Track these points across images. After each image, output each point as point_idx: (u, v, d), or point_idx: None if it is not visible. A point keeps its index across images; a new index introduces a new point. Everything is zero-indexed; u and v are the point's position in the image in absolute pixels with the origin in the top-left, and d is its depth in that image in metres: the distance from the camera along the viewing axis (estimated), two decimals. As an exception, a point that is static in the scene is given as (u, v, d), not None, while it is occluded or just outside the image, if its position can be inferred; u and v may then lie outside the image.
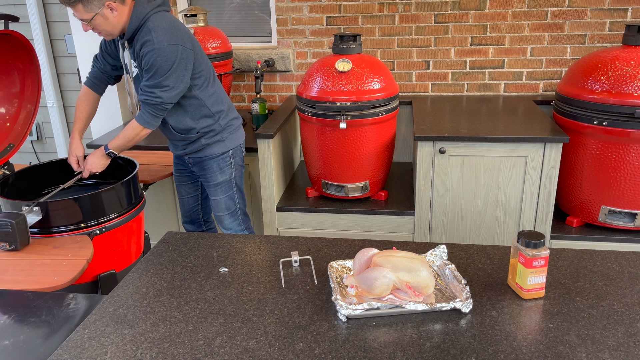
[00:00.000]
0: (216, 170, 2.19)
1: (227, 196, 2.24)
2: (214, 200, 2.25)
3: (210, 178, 2.21)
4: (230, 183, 2.23)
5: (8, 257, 1.61)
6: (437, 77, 3.06)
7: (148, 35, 1.87)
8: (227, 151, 2.19)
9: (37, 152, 3.69)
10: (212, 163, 2.18)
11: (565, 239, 2.39)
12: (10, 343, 1.12)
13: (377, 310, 1.12)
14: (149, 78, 1.91)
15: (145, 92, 1.94)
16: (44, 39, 3.34)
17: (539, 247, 1.15)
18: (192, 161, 2.23)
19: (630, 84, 2.11)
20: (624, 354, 1.00)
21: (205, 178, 2.23)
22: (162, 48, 1.86)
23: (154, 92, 1.93)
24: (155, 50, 1.86)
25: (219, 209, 2.26)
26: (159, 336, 1.08)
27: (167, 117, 2.09)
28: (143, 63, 1.90)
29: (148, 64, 1.88)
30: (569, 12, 2.83)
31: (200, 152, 2.17)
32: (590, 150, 2.26)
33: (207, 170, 2.20)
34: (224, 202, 2.24)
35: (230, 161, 2.21)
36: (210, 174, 2.20)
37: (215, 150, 2.17)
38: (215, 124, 2.14)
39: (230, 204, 2.26)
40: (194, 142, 2.15)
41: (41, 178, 2.09)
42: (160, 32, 1.87)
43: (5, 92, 2.16)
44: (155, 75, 1.89)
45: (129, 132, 2.01)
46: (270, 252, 1.43)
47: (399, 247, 1.35)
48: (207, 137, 2.14)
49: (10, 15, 1.98)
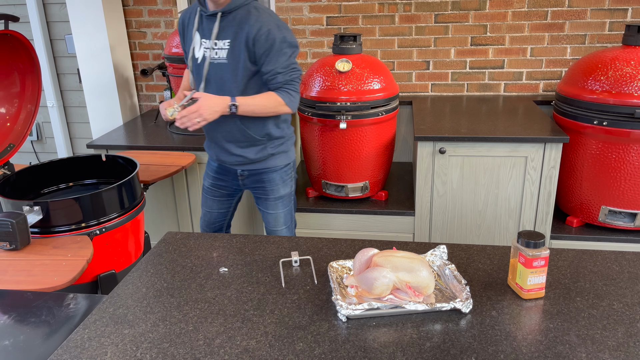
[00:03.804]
0: (279, 183, 2.06)
1: (286, 210, 2.12)
2: (271, 214, 2.11)
3: (271, 192, 2.07)
4: (290, 196, 2.13)
5: (8, 257, 1.61)
6: (437, 77, 3.06)
7: (263, 14, 1.81)
8: (289, 163, 2.07)
9: (37, 152, 3.69)
10: (274, 176, 2.05)
11: (565, 239, 2.39)
12: (10, 343, 1.12)
13: (377, 311, 1.12)
14: (281, 56, 1.82)
15: (289, 70, 1.85)
16: (44, 39, 3.34)
17: (539, 247, 1.15)
18: (247, 174, 2.06)
19: (630, 84, 2.11)
20: (624, 354, 1.00)
21: (263, 191, 2.08)
22: (281, 26, 1.82)
23: (295, 66, 1.85)
24: (279, 28, 1.81)
25: (276, 223, 2.13)
26: (159, 336, 1.08)
27: (246, 118, 1.92)
28: (266, 42, 1.79)
29: (276, 41, 1.79)
30: (569, 12, 2.83)
31: (262, 162, 2.01)
32: (590, 150, 2.26)
33: (268, 183, 2.06)
34: (283, 216, 2.12)
35: (292, 173, 2.11)
36: (272, 187, 2.06)
37: (279, 162, 2.03)
38: (285, 131, 2.03)
39: (288, 218, 2.15)
40: (259, 152, 1.99)
41: (41, 178, 2.09)
42: (269, 12, 1.85)
43: (5, 92, 2.16)
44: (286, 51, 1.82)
45: (270, 101, 1.86)
46: (270, 252, 1.43)
47: (399, 247, 1.35)
48: (273, 146, 2.00)
49: (10, 15, 1.98)
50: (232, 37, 1.83)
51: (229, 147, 2.00)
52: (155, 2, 3.20)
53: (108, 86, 3.13)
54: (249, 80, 1.88)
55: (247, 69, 1.85)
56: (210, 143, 2.08)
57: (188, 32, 1.96)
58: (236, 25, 1.82)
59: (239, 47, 1.82)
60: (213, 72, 1.88)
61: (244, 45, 1.81)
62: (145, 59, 3.34)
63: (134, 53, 3.33)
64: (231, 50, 1.83)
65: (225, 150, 2.02)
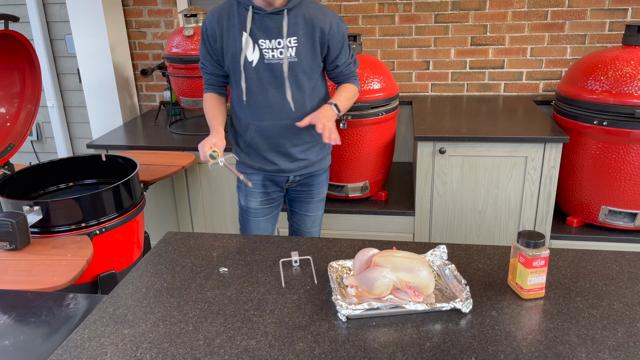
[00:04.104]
0: (324, 184, 2.03)
1: (322, 210, 2.10)
2: (312, 216, 2.06)
3: (317, 193, 2.02)
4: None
5: (8, 257, 1.61)
6: (437, 77, 3.06)
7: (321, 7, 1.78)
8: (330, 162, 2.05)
9: (37, 152, 3.69)
10: (323, 177, 2.01)
11: (565, 239, 2.39)
12: (10, 343, 1.12)
13: (377, 310, 1.12)
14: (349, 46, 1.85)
15: (354, 58, 1.89)
16: (44, 39, 3.34)
17: (539, 247, 1.15)
18: (299, 179, 1.96)
19: (630, 84, 2.11)
20: (624, 354, 1.00)
21: (309, 194, 2.01)
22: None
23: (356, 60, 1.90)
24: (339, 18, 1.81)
25: (313, 224, 2.09)
26: (159, 336, 1.08)
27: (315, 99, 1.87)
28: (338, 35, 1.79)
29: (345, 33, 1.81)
30: (569, 12, 2.83)
31: (318, 163, 1.95)
32: (590, 150, 2.26)
33: (317, 186, 2.00)
34: (320, 217, 2.10)
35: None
36: (319, 189, 2.01)
37: (328, 161, 2.01)
38: None
39: (322, 218, 2.13)
40: (319, 152, 1.94)
41: (41, 178, 2.09)
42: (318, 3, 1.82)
43: (5, 92, 2.16)
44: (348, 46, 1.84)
45: (352, 93, 1.87)
46: (270, 252, 1.43)
47: (399, 247, 1.35)
48: (328, 144, 1.96)
49: (10, 15, 1.98)
50: (301, 33, 1.74)
51: (294, 152, 1.88)
52: (155, 2, 3.20)
53: (108, 86, 3.13)
54: (318, 76, 1.84)
55: (318, 65, 1.81)
56: (263, 154, 1.89)
57: (228, 36, 1.76)
58: (303, 21, 1.74)
59: (310, 44, 1.75)
60: (283, 73, 1.76)
61: (317, 41, 1.76)
62: (145, 59, 3.34)
63: (134, 53, 3.33)
64: (301, 48, 1.74)
65: (288, 156, 1.89)
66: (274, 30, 1.73)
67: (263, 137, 1.85)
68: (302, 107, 1.81)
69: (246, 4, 1.72)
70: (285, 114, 1.80)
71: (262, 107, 1.80)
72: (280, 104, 1.79)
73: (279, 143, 1.85)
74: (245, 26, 1.73)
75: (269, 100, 1.78)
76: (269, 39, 1.73)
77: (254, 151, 1.89)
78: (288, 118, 1.80)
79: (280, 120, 1.81)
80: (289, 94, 1.78)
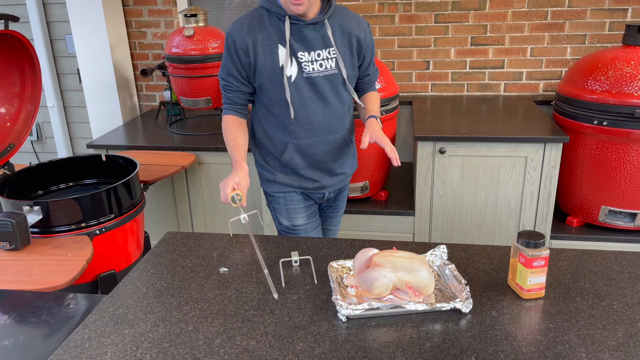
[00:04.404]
0: (346, 195, 1.97)
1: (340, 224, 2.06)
2: (333, 230, 2.02)
3: (341, 207, 1.97)
4: None
5: (8, 257, 1.61)
6: (437, 77, 3.06)
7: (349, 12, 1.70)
8: None
9: (37, 152, 3.69)
10: (346, 189, 1.95)
11: (565, 239, 2.39)
12: (10, 343, 1.12)
13: (377, 310, 1.12)
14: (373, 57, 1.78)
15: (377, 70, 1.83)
16: (44, 39, 3.34)
17: (539, 247, 1.15)
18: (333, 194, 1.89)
19: (630, 84, 2.11)
20: (624, 354, 1.00)
21: (336, 209, 1.95)
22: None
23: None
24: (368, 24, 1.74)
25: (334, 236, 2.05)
26: (159, 336, 1.08)
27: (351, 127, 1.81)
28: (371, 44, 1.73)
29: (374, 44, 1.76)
30: (569, 12, 2.83)
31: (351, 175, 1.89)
32: (590, 150, 2.26)
33: (342, 200, 1.95)
34: (337, 230, 2.06)
35: None
36: (343, 202, 1.96)
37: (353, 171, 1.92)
38: None
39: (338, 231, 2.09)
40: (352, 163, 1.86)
41: (41, 178, 2.09)
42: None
43: (5, 92, 2.16)
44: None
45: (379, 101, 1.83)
46: (270, 252, 1.43)
47: (399, 247, 1.35)
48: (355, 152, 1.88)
49: (10, 15, 1.98)
50: (339, 43, 1.65)
51: (333, 167, 1.79)
52: (155, 2, 3.20)
53: (108, 86, 3.13)
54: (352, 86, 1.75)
55: (355, 75, 1.73)
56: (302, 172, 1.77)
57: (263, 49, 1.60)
58: (339, 30, 1.64)
59: (349, 53, 1.67)
60: (324, 86, 1.65)
61: (355, 50, 1.67)
62: (145, 59, 3.34)
63: (134, 53, 3.33)
64: (340, 58, 1.64)
65: (328, 172, 1.79)
66: (314, 42, 1.61)
67: (303, 156, 1.73)
68: (343, 121, 1.74)
69: (280, 14, 1.58)
70: (328, 129, 1.70)
71: (303, 124, 1.67)
72: (323, 120, 1.68)
73: (320, 160, 1.75)
74: (282, 38, 1.59)
75: (311, 116, 1.66)
76: (307, 51, 1.60)
77: (290, 170, 1.76)
78: (330, 133, 1.71)
79: (323, 136, 1.71)
80: (331, 108, 1.68)
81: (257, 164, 1.83)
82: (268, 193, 1.83)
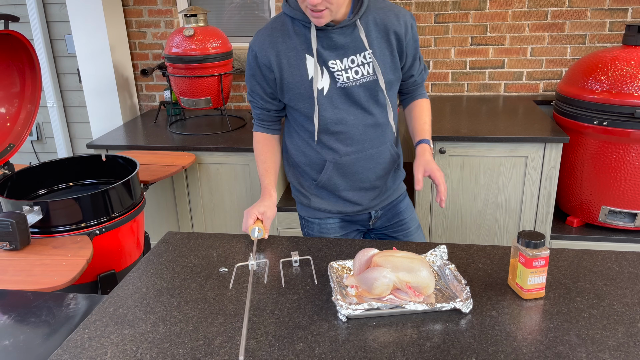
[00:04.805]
0: (411, 207, 1.72)
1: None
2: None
3: (409, 221, 1.70)
4: None
5: (8, 257, 1.60)
6: (437, 77, 3.06)
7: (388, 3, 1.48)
8: None
9: (37, 152, 3.69)
10: (406, 201, 1.72)
11: (565, 239, 2.39)
12: (10, 343, 1.12)
13: (377, 311, 1.12)
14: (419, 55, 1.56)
15: (426, 68, 1.62)
16: (44, 39, 3.34)
17: (539, 247, 1.15)
18: (381, 212, 1.66)
19: (630, 84, 2.11)
20: (624, 354, 1.00)
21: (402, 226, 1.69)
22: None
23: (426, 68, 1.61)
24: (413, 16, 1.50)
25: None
26: (159, 336, 1.08)
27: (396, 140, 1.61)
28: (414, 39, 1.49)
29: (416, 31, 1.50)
30: (569, 12, 2.83)
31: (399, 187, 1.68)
32: (590, 150, 2.26)
33: (404, 213, 1.70)
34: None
35: None
36: (408, 215, 1.70)
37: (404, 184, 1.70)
38: None
39: None
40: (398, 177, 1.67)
41: (41, 178, 2.09)
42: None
43: (5, 92, 2.16)
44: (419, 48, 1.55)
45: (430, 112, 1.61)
46: (270, 252, 1.43)
47: (399, 247, 1.35)
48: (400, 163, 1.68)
49: (10, 15, 1.98)
50: (375, 44, 1.44)
51: (376, 184, 1.60)
52: (155, 2, 3.20)
53: (108, 86, 3.13)
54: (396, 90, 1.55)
55: (398, 78, 1.52)
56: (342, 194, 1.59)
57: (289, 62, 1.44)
58: (375, 28, 1.43)
59: (388, 54, 1.46)
60: (362, 96, 1.46)
61: (395, 49, 1.46)
62: (145, 59, 3.34)
63: (134, 53, 3.33)
64: (379, 61, 1.44)
65: (371, 190, 1.61)
66: (346, 47, 1.42)
67: (342, 175, 1.55)
68: (386, 131, 1.54)
69: (305, 20, 1.40)
70: (370, 143, 1.52)
71: (341, 140, 1.50)
72: (363, 133, 1.50)
73: (362, 178, 1.56)
74: (309, 48, 1.42)
75: (350, 130, 1.49)
76: (339, 58, 1.42)
77: (328, 193, 1.60)
78: (373, 147, 1.53)
79: (365, 152, 1.53)
80: (373, 118, 1.49)
81: (292, 185, 1.68)
82: (302, 217, 1.69)
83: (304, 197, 1.64)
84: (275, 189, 1.53)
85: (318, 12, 1.31)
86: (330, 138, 1.51)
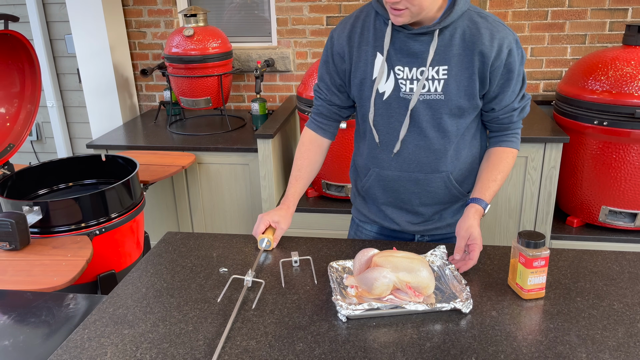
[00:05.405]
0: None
1: None
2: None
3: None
4: None
5: (8, 257, 1.60)
6: (437, 77, 3.05)
7: (494, 24, 1.28)
8: None
9: (37, 152, 3.69)
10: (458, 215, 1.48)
11: (565, 239, 2.39)
12: (10, 343, 1.12)
13: (377, 311, 1.11)
14: (519, 82, 1.35)
15: (523, 101, 1.38)
16: (44, 39, 3.34)
17: (539, 247, 1.15)
18: (428, 239, 1.53)
19: (630, 84, 2.11)
20: (624, 354, 1.00)
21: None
22: (518, 40, 1.31)
23: (526, 94, 1.39)
24: (518, 43, 1.29)
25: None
26: (159, 336, 1.08)
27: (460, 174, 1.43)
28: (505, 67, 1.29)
29: (517, 64, 1.30)
30: (569, 12, 2.83)
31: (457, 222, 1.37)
32: (590, 150, 2.26)
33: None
34: None
35: None
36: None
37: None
38: None
39: None
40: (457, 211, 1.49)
41: (41, 178, 2.09)
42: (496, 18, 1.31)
43: (5, 92, 2.16)
44: (524, 75, 1.35)
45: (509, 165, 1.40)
46: (270, 252, 1.42)
47: (399, 247, 1.35)
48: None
49: (10, 15, 1.98)
50: (455, 61, 1.28)
51: (423, 212, 1.47)
52: (155, 2, 3.20)
53: (108, 86, 3.13)
54: (474, 120, 1.38)
55: (475, 107, 1.34)
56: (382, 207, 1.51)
57: (359, 55, 1.36)
58: (460, 43, 1.28)
59: (467, 76, 1.29)
60: (422, 113, 1.33)
61: (476, 72, 1.28)
62: (145, 59, 3.34)
63: (134, 53, 3.33)
64: (452, 81, 1.29)
65: (415, 215, 1.49)
66: (419, 56, 1.29)
67: (383, 188, 1.46)
68: (443, 159, 1.39)
69: (386, 16, 1.30)
70: (419, 166, 1.39)
71: (389, 151, 1.40)
72: (413, 153, 1.38)
73: (404, 199, 1.45)
74: (381, 46, 1.32)
75: (400, 145, 1.38)
76: (409, 66, 1.30)
77: (370, 201, 1.53)
78: (421, 171, 1.40)
79: (411, 173, 1.40)
80: (427, 141, 1.36)
81: (352, 185, 1.63)
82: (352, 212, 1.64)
83: (353, 194, 1.63)
84: (296, 201, 1.45)
85: (397, 11, 1.21)
86: (379, 147, 1.42)
